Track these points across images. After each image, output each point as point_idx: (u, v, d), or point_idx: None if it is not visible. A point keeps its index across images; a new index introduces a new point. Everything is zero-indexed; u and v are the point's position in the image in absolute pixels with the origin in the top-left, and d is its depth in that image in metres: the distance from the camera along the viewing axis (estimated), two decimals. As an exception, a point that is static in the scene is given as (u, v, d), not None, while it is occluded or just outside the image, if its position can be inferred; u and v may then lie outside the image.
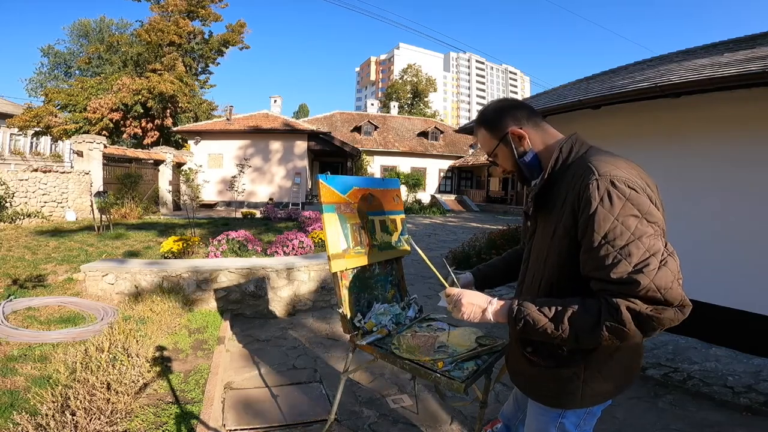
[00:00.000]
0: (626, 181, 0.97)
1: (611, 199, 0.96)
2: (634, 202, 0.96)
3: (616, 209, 0.95)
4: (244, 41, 24.89)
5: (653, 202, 0.99)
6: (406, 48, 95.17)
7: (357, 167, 23.03)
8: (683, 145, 4.27)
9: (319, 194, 2.04)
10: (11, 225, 8.19)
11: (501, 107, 1.23)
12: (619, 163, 1.02)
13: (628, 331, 0.93)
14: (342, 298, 2.05)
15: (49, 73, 29.48)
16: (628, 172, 1.00)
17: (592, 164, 1.02)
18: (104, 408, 2.22)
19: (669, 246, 0.97)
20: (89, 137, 11.94)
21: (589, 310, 0.97)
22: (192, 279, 4.40)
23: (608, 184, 0.97)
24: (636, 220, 0.95)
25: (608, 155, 1.07)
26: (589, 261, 1.00)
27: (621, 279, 0.93)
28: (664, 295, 0.91)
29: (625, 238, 0.94)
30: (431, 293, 5.78)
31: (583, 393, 1.12)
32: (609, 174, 0.98)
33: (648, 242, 0.94)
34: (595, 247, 0.97)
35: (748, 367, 3.32)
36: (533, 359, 1.18)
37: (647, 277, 0.91)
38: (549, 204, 1.13)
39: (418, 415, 2.65)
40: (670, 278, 0.92)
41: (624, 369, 1.14)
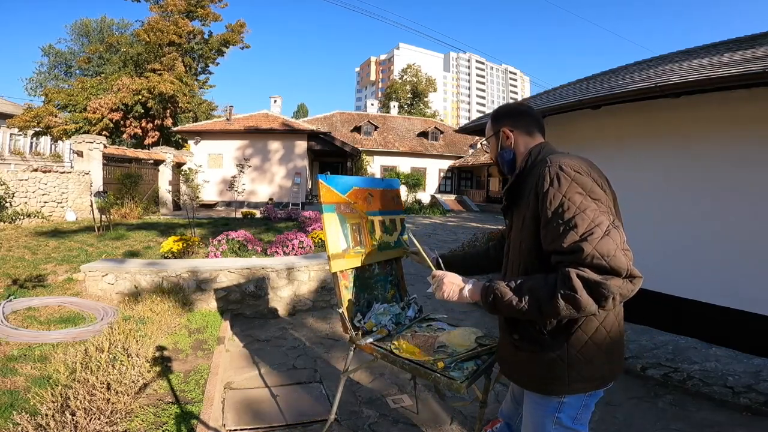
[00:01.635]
0: (572, 166, 1.16)
1: (559, 180, 1.14)
2: (578, 181, 1.13)
3: (563, 188, 1.12)
4: (244, 41, 24.90)
5: (599, 185, 1.15)
6: (406, 48, 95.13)
7: (357, 167, 23.01)
8: (683, 145, 4.27)
9: (319, 194, 2.04)
10: (11, 225, 8.19)
11: (511, 111, 1.49)
12: (569, 157, 1.21)
13: (581, 299, 1.02)
14: (342, 298, 2.05)
15: (49, 72, 29.50)
16: (575, 161, 1.18)
17: (547, 157, 1.23)
18: (104, 408, 2.22)
19: (615, 221, 1.10)
20: (89, 137, 11.93)
21: (549, 281, 1.09)
22: (192, 279, 4.40)
23: (557, 169, 1.16)
24: (581, 196, 1.11)
25: (563, 153, 1.26)
26: (546, 236, 1.15)
27: (569, 248, 1.06)
28: (609, 262, 1.01)
29: (572, 211, 1.09)
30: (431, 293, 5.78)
31: (570, 377, 1.19)
32: (558, 161, 1.18)
33: (592, 215, 1.07)
34: (548, 221, 1.14)
35: (748, 367, 3.32)
36: (519, 345, 1.28)
37: (590, 245, 1.03)
38: (519, 198, 1.33)
39: (418, 415, 2.65)
40: (612, 246, 1.02)
41: (606, 352, 1.20)
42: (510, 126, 1.43)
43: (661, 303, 4.23)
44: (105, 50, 24.25)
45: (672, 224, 4.29)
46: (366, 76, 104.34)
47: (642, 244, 4.57)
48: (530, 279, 1.15)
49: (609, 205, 1.14)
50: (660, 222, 4.39)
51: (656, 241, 4.40)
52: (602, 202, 1.12)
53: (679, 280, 4.18)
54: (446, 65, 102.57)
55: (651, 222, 4.46)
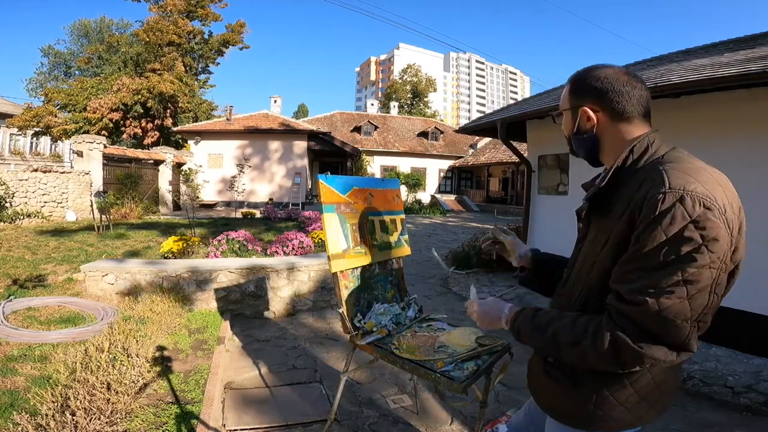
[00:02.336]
0: (700, 200, 0.82)
1: (674, 217, 0.82)
2: (700, 225, 0.81)
3: (675, 227, 0.81)
4: (244, 41, 24.90)
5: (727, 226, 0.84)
6: (406, 48, 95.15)
7: (357, 167, 23.01)
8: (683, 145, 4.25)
9: (319, 194, 2.05)
10: (11, 225, 8.18)
11: (602, 83, 1.03)
12: (700, 176, 0.86)
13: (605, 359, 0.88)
14: (342, 298, 2.05)
15: (49, 73, 29.46)
16: (708, 189, 0.84)
17: (666, 171, 0.87)
18: (104, 408, 2.22)
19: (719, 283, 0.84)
20: (89, 137, 11.93)
21: (579, 325, 0.92)
22: (192, 279, 4.40)
23: (677, 199, 0.82)
24: (693, 246, 0.81)
25: (689, 163, 0.93)
26: (617, 271, 0.90)
27: (627, 296, 0.85)
28: (664, 330, 0.82)
29: (668, 260, 0.82)
30: (431, 293, 5.78)
31: (595, 416, 1.02)
32: (684, 188, 0.83)
33: (692, 272, 0.80)
34: (631, 259, 0.87)
35: (748, 367, 3.32)
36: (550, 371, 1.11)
37: (657, 305, 0.81)
38: (606, 208, 1.00)
39: (418, 415, 2.65)
40: (682, 316, 0.81)
41: (647, 401, 1.00)
42: (596, 104, 1.04)
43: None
44: (105, 50, 24.25)
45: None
46: (366, 76, 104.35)
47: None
48: (563, 318, 0.98)
49: (725, 257, 0.84)
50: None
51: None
52: (718, 255, 0.82)
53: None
54: (446, 65, 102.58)
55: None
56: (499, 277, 6.51)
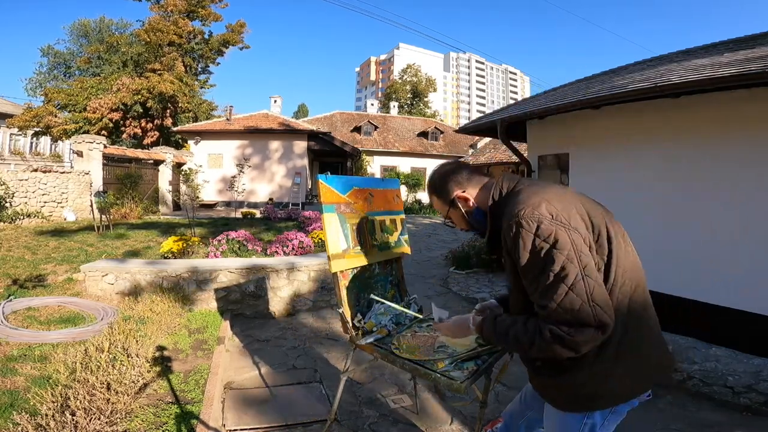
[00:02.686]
0: (532, 217, 1.08)
1: (522, 237, 1.09)
2: (540, 234, 1.07)
3: (527, 244, 1.08)
4: (244, 41, 24.88)
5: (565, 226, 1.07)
6: (406, 48, 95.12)
7: (357, 167, 22.99)
8: (683, 145, 4.27)
9: (319, 194, 2.05)
10: (11, 225, 8.18)
11: (444, 174, 1.38)
12: (532, 200, 1.12)
13: (555, 349, 1.05)
14: (342, 298, 2.05)
15: (48, 73, 29.43)
16: (539, 208, 1.10)
17: (511, 206, 1.16)
18: (104, 408, 2.22)
19: (588, 268, 1.05)
20: (89, 137, 11.93)
21: (529, 330, 1.11)
22: (192, 279, 4.40)
23: (517, 224, 1.10)
24: (544, 250, 1.06)
25: (528, 189, 1.19)
26: (526, 288, 1.15)
27: (539, 304, 1.08)
28: (575, 317, 1.01)
29: (538, 266, 1.07)
30: (431, 293, 5.78)
31: (593, 397, 1.17)
32: (519, 214, 1.10)
33: (556, 268, 1.04)
34: (524, 277, 1.13)
35: (748, 367, 3.32)
36: (540, 370, 1.25)
37: (555, 303, 1.03)
38: (499, 246, 1.26)
39: (418, 415, 2.65)
40: (577, 301, 1.01)
41: (630, 371, 1.16)
42: (459, 188, 1.34)
43: (661, 303, 4.21)
44: (104, 50, 24.22)
45: (672, 224, 4.29)
46: (366, 76, 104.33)
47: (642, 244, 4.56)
48: (516, 323, 1.16)
49: (579, 249, 1.06)
50: (660, 222, 4.39)
51: (656, 241, 4.40)
52: (567, 248, 1.05)
53: (679, 280, 4.18)
54: (446, 65, 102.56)
55: (651, 222, 4.46)
56: (498, 276, 6.51)
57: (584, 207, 1.17)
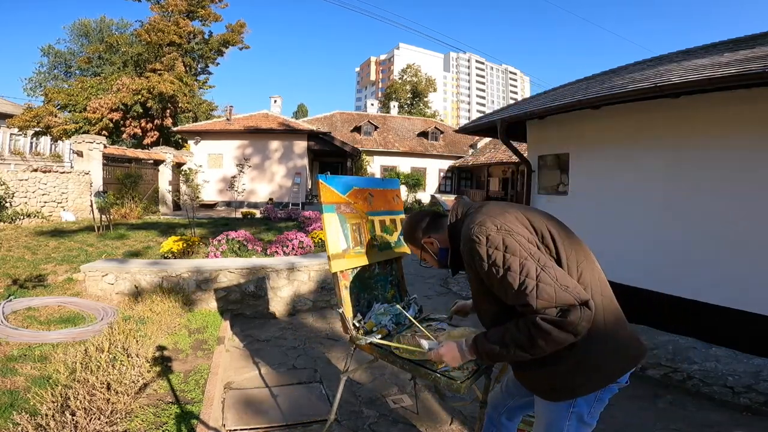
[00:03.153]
0: (480, 233, 1.24)
1: (477, 252, 1.23)
2: (492, 245, 1.21)
3: (484, 256, 1.22)
4: (244, 41, 24.88)
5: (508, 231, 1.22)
6: (406, 48, 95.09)
7: (357, 167, 22.99)
8: (683, 145, 4.27)
9: (319, 194, 2.05)
10: (11, 225, 8.18)
11: (411, 226, 1.63)
12: (478, 218, 1.29)
13: (558, 336, 1.12)
14: (342, 298, 2.05)
15: (48, 72, 29.43)
16: (484, 224, 1.25)
17: (463, 229, 1.33)
18: (104, 408, 2.22)
19: (541, 259, 1.18)
20: (89, 137, 11.93)
21: (522, 329, 1.17)
22: (192, 279, 4.40)
23: (470, 243, 1.26)
24: (500, 256, 1.19)
25: (475, 213, 1.34)
26: (499, 295, 1.25)
27: (520, 304, 1.16)
28: (557, 303, 1.10)
29: (500, 272, 1.19)
30: (431, 293, 5.79)
31: (576, 383, 1.26)
32: (469, 234, 1.27)
33: (517, 268, 1.16)
34: (492, 286, 1.25)
35: (748, 367, 3.32)
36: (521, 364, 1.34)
37: (533, 297, 1.12)
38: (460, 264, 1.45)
39: (418, 415, 2.65)
40: (550, 290, 1.11)
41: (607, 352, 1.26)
42: (425, 234, 1.57)
43: (661, 303, 4.23)
44: (105, 50, 24.22)
45: (672, 224, 4.29)
46: (366, 76, 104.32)
47: (642, 244, 4.59)
48: (507, 330, 1.22)
49: (530, 248, 1.20)
50: (660, 222, 4.39)
51: (656, 241, 4.40)
52: (518, 249, 1.18)
53: (679, 280, 4.18)
54: (446, 65, 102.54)
55: (651, 222, 4.47)
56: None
57: (525, 215, 1.31)
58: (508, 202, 1.51)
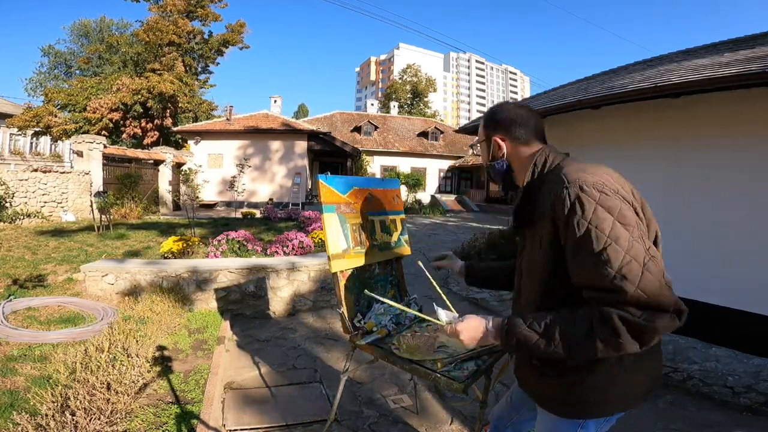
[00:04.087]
0: (595, 185, 0.99)
1: (582, 205, 0.97)
2: (604, 204, 0.96)
3: (588, 214, 0.96)
4: (244, 41, 24.89)
5: (628, 202, 0.99)
6: (406, 48, 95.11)
7: (357, 167, 23.00)
8: (683, 145, 4.27)
9: (319, 194, 2.04)
10: (11, 225, 8.15)
11: (505, 118, 1.28)
12: (589, 169, 1.04)
13: (623, 342, 0.91)
14: (342, 298, 2.05)
15: (48, 72, 29.45)
16: (599, 177, 1.01)
17: (563, 173, 1.05)
18: (104, 408, 2.22)
19: (651, 249, 0.95)
20: (89, 137, 11.93)
21: (581, 321, 0.96)
22: (192, 279, 4.40)
23: (578, 190, 0.99)
24: (610, 222, 0.95)
25: (581, 163, 1.10)
26: (575, 269, 1.00)
27: (609, 287, 0.92)
28: (656, 300, 0.89)
29: (602, 242, 0.94)
30: (431, 293, 5.78)
31: (593, 400, 1.10)
32: (578, 180, 1.00)
33: (626, 245, 0.93)
34: (576, 254, 0.99)
35: (748, 367, 3.32)
36: (539, 369, 1.17)
37: (632, 284, 0.90)
38: (530, 218, 1.16)
39: (418, 415, 2.65)
40: (656, 283, 0.90)
41: (633, 375, 1.10)
42: (502, 134, 1.27)
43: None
44: (105, 50, 24.23)
45: (672, 224, 4.29)
46: (366, 76, 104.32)
47: (642, 244, 4.58)
48: (557, 319, 1.00)
49: (642, 228, 0.98)
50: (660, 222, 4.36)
51: (656, 241, 4.39)
52: (633, 225, 0.95)
53: (679, 280, 4.16)
54: (446, 65, 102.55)
55: (651, 222, 4.46)
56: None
57: (639, 195, 1.09)
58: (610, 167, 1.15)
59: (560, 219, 1.01)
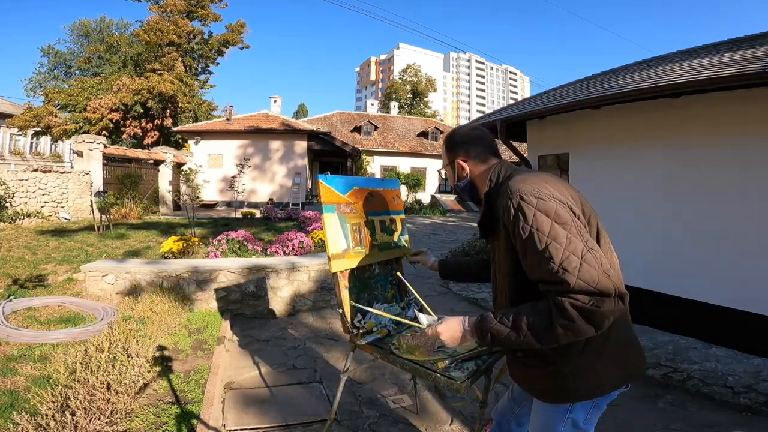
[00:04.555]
0: (532, 193, 1.12)
1: (522, 211, 1.11)
2: (541, 209, 1.09)
3: (529, 218, 1.10)
4: (243, 41, 24.90)
5: (564, 203, 1.12)
6: (406, 48, 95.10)
7: (357, 167, 22.99)
8: (683, 145, 4.27)
9: (319, 194, 2.04)
10: (11, 225, 8.18)
11: (463, 139, 1.46)
12: (529, 179, 1.17)
13: (579, 326, 1.02)
14: (342, 298, 2.05)
15: (48, 73, 29.43)
16: (536, 185, 1.14)
17: (508, 185, 1.19)
18: (104, 408, 2.22)
19: (589, 242, 1.07)
20: (89, 137, 11.93)
21: (542, 312, 1.07)
22: (192, 279, 4.40)
23: (519, 199, 1.13)
24: (548, 224, 1.08)
25: (524, 173, 1.24)
26: (527, 267, 1.14)
27: (553, 279, 1.04)
28: (597, 287, 1.00)
29: (543, 241, 1.07)
30: (431, 293, 5.79)
31: (577, 386, 1.19)
32: (518, 191, 1.14)
33: (564, 241, 1.05)
34: (525, 254, 1.12)
35: (748, 367, 3.32)
36: (523, 361, 1.28)
37: (573, 275, 1.01)
38: (491, 227, 1.31)
39: (418, 415, 2.65)
40: (594, 272, 1.01)
41: (613, 359, 1.19)
42: (463, 156, 1.43)
43: (661, 303, 4.23)
44: (105, 50, 24.23)
45: (672, 224, 4.29)
46: (366, 76, 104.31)
47: (642, 244, 4.59)
48: (522, 312, 1.11)
49: (579, 225, 1.10)
50: (660, 222, 4.39)
51: (656, 241, 4.40)
52: (570, 224, 1.08)
53: (679, 280, 4.18)
54: (446, 65, 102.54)
55: (651, 222, 4.46)
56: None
57: (574, 190, 1.23)
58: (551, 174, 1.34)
59: (509, 225, 1.16)
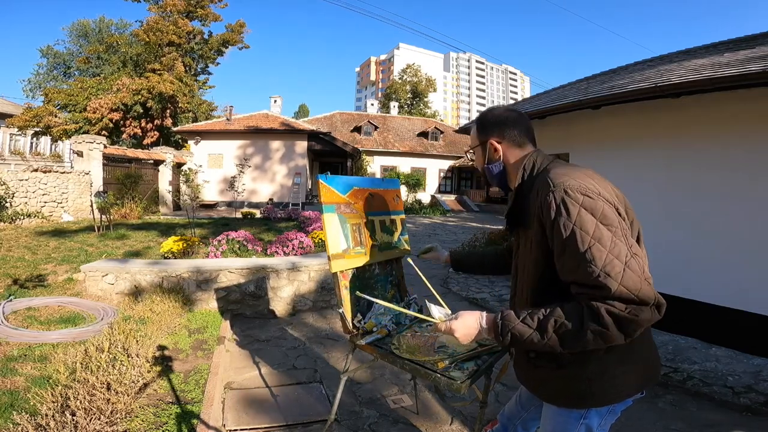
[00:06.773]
0: (579, 189, 1.04)
1: (567, 207, 1.03)
2: (588, 207, 1.02)
3: (573, 216, 1.02)
4: (243, 41, 24.91)
5: (610, 203, 1.04)
6: (406, 48, 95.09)
7: (357, 167, 23.01)
8: (683, 145, 4.27)
9: (319, 194, 2.04)
10: (11, 225, 8.18)
11: (499, 120, 1.33)
12: (573, 173, 1.09)
13: (611, 334, 0.96)
14: (342, 298, 2.05)
15: (48, 73, 29.41)
16: (582, 180, 1.06)
17: (548, 177, 1.10)
18: (104, 408, 2.22)
19: (633, 247, 1.01)
20: (89, 137, 11.93)
21: (571, 315, 1.00)
22: (192, 279, 4.40)
23: (562, 194, 1.04)
24: (593, 224, 1.00)
25: (565, 166, 1.15)
26: (562, 267, 1.06)
27: (593, 283, 0.98)
28: (637, 295, 0.95)
29: (586, 242, 0.99)
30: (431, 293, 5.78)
31: (592, 392, 1.13)
32: (563, 184, 1.06)
33: (608, 244, 0.98)
34: (562, 253, 1.04)
35: (748, 367, 3.32)
36: (536, 362, 1.21)
37: (615, 281, 0.95)
38: (521, 220, 1.23)
39: (418, 415, 2.65)
40: (637, 280, 0.96)
41: (629, 365, 1.13)
42: (498, 137, 1.31)
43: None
44: (104, 51, 24.24)
45: (672, 224, 4.29)
46: (366, 76, 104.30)
47: (642, 244, 4.58)
48: (550, 314, 1.03)
49: (624, 228, 1.03)
50: (660, 222, 4.39)
51: (656, 241, 4.39)
52: (615, 225, 1.01)
53: (680, 280, 4.18)
54: (446, 65, 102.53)
55: (651, 222, 4.45)
56: (497, 276, 6.51)
57: (620, 193, 1.15)
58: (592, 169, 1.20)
59: (547, 221, 1.07)
